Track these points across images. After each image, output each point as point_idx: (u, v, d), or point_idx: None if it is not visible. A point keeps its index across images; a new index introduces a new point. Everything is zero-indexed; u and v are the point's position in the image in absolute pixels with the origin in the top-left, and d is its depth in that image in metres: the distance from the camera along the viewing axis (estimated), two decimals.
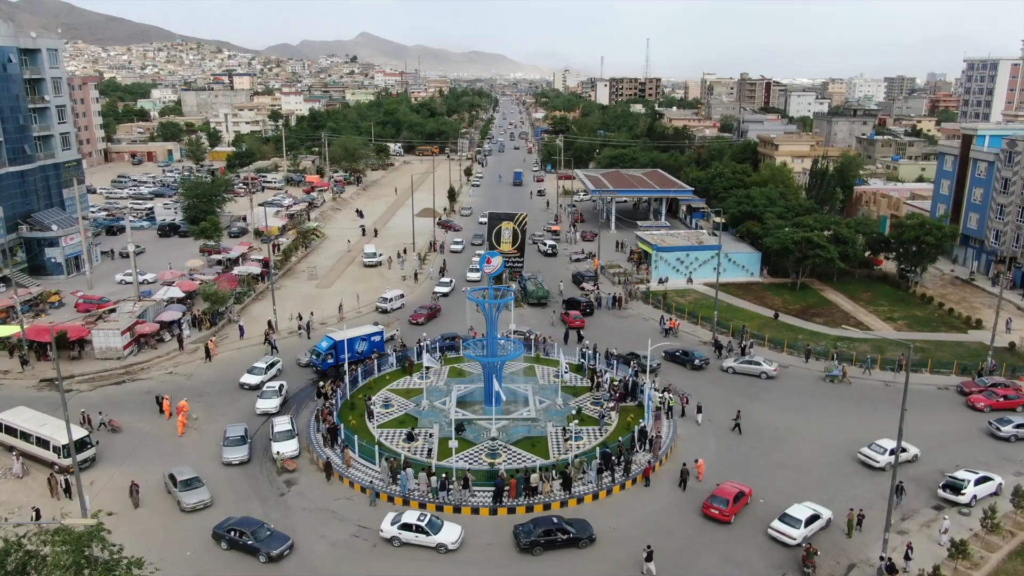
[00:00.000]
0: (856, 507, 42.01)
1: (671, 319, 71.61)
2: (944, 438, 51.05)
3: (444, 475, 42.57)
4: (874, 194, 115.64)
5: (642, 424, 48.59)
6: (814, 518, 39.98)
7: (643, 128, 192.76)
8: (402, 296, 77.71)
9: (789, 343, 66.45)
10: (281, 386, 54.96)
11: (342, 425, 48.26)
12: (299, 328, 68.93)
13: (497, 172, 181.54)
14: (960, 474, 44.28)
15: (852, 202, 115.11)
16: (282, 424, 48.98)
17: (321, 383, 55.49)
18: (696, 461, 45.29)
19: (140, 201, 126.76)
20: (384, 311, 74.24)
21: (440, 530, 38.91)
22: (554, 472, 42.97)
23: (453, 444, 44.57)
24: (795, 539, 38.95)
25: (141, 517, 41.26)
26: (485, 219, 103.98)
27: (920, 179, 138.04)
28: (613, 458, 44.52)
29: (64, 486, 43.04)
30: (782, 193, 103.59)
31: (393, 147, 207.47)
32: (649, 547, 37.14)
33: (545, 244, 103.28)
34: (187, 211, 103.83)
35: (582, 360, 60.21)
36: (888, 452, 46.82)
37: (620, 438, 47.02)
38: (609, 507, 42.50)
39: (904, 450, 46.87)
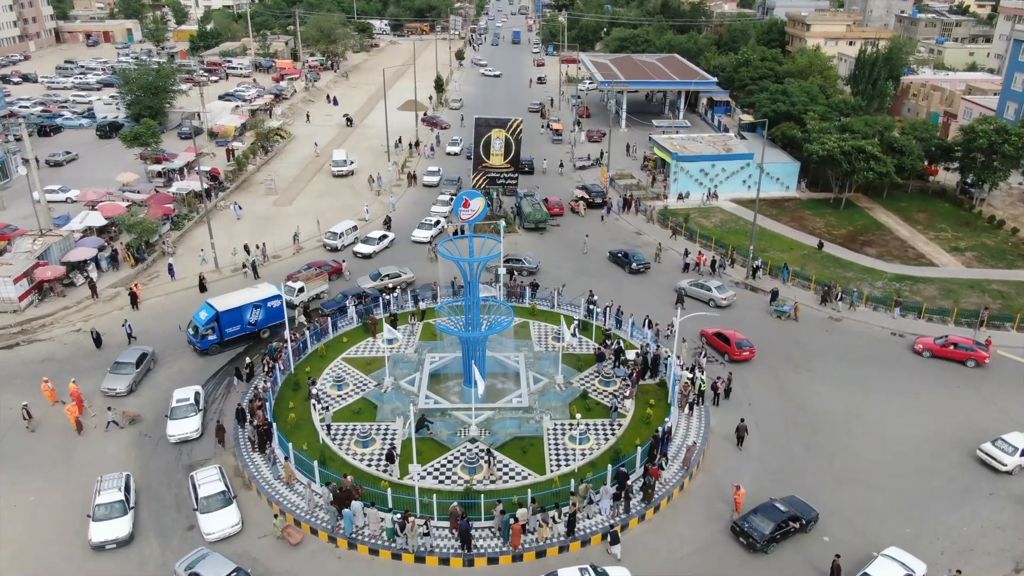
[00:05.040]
0: (951, 546, 31.57)
1: (699, 253, 59.17)
2: None
3: (400, 513, 30.99)
4: (923, 86, 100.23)
5: (667, 424, 37.18)
6: None
7: (656, 4, 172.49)
8: (355, 229, 62.38)
9: (843, 286, 54.21)
10: (197, 394, 39.62)
11: (275, 424, 36.82)
12: (244, 265, 56.69)
13: (492, 55, 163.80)
14: None
15: (897, 96, 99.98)
16: (210, 483, 33.20)
17: (249, 361, 43.17)
18: (737, 489, 33.63)
19: (84, 93, 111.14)
20: (333, 248, 60.21)
21: None
22: (555, 514, 31.51)
23: (416, 469, 32.81)
24: None
25: None
26: (455, 149, 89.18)
27: (973, 67, 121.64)
28: (630, 480, 33.50)
29: None
30: (822, 87, 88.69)
31: (379, 25, 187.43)
32: (612, 526, 31.59)
33: None
34: (131, 107, 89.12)
35: (586, 318, 48.31)
36: (1020, 452, 36.12)
37: (639, 445, 35.69)
38: (624, 550, 31.61)
39: None
